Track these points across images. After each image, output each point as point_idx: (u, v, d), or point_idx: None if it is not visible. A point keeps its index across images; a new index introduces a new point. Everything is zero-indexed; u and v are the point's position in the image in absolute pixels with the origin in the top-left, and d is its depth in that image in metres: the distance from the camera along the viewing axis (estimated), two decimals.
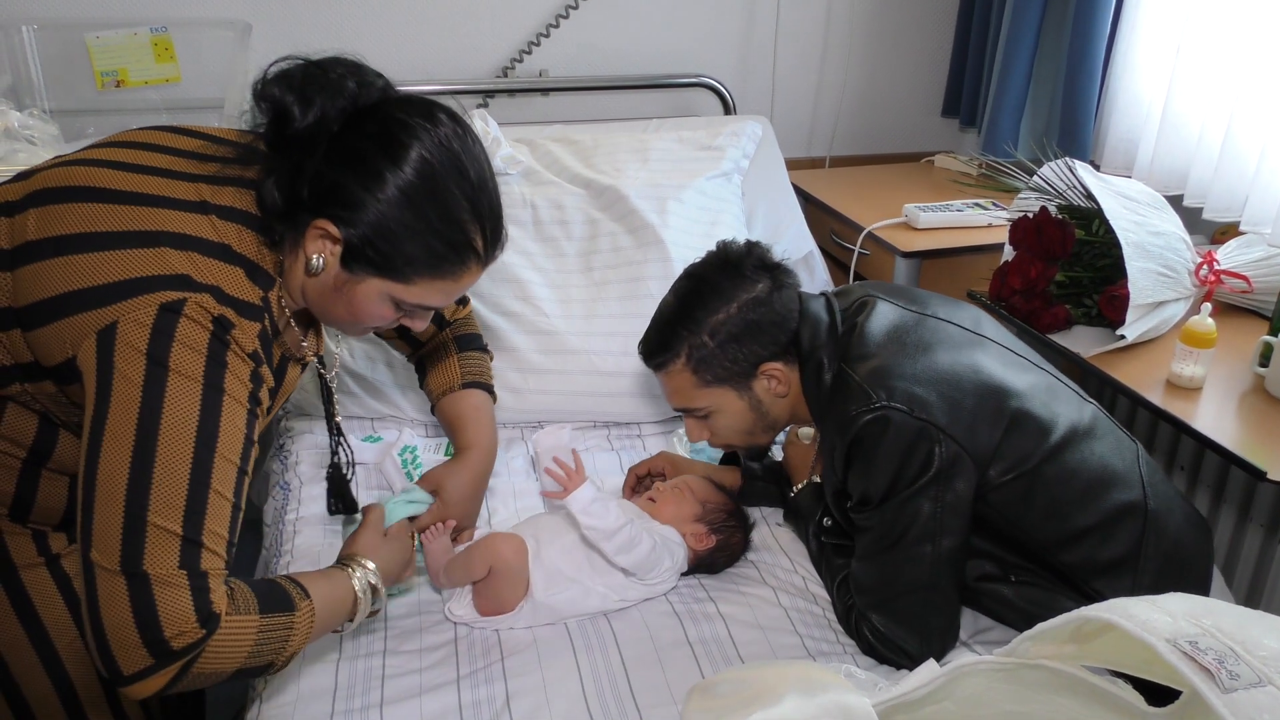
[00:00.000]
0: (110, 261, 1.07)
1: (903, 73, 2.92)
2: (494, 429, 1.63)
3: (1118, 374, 1.77)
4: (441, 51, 2.55)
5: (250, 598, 1.11)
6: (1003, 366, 1.42)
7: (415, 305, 1.22)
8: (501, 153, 2.19)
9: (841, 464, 1.40)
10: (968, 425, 1.34)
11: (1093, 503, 1.39)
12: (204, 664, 1.05)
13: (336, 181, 1.13)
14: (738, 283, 1.46)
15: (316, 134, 1.12)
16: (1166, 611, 0.93)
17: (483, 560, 1.43)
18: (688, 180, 2.21)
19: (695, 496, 1.59)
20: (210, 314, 1.08)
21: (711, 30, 2.72)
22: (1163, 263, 1.82)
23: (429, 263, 1.17)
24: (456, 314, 1.68)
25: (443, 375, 1.64)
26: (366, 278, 1.18)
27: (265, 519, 1.80)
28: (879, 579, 1.40)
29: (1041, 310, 1.91)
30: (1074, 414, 1.43)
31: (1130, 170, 2.26)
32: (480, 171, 1.20)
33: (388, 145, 1.13)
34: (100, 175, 1.15)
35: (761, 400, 1.50)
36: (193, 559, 1.04)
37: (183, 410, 1.05)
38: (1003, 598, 1.45)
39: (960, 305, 1.55)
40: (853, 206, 2.52)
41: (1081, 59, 2.30)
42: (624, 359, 1.94)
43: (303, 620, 1.15)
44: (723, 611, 1.49)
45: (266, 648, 1.11)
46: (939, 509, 1.34)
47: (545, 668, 1.38)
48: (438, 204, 1.15)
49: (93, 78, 2.31)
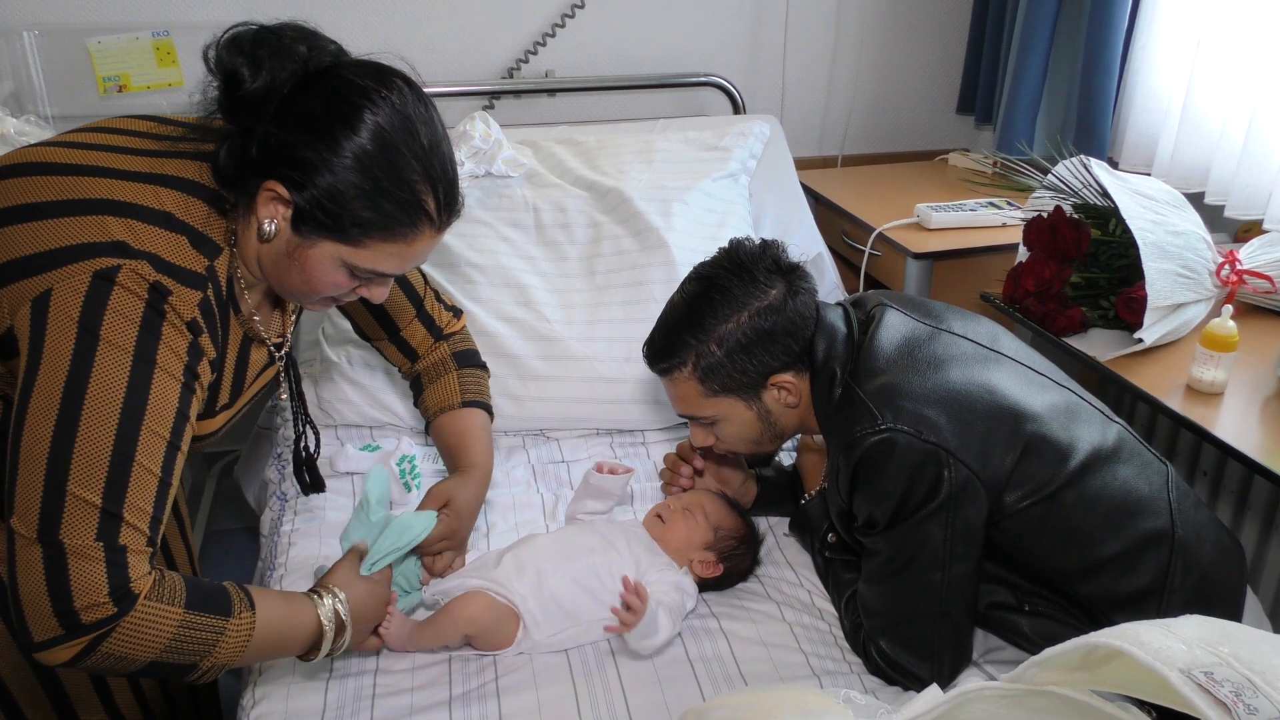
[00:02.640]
0: (47, 230, 1.07)
1: (916, 69, 2.86)
2: (492, 450, 1.60)
3: (1135, 379, 1.72)
4: (447, 53, 2.52)
5: (180, 591, 1.08)
6: (1019, 386, 1.36)
7: (369, 271, 1.19)
8: (503, 155, 2.16)
9: (847, 486, 1.34)
10: (979, 449, 1.28)
11: (1115, 531, 1.32)
12: (115, 644, 1.04)
13: (286, 142, 1.11)
14: (750, 287, 1.38)
15: (267, 96, 1.10)
16: (1181, 638, 0.88)
17: (454, 630, 1.38)
18: (693, 181, 2.17)
19: (708, 521, 1.53)
20: (145, 281, 1.07)
21: (720, 28, 2.68)
22: (1182, 263, 1.76)
23: (379, 224, 1.14)
24: (451, 325, 1.65)
25: (441, 392, 1.61)
26: (318, 241, 1.15)
27: (262, 529, 1.77)
28: (887, 604, 1.34)
29: (1056, 313, 1.86)
30: (1096, 436, 1.36)
31: (1149, 167, 2.21)
32: (433, 135, 1.17)
33: (338, 107, 1.12)
34: (50, 153, 1.16)
35: (771, 410, 1.44)
36: (111, 532, 1.03)
37: (110, 381, 1.04)
38: (1016, 628, 1.39)
39: (977, 319, 1.48)
40: (864, 206, 2.47)
41: (1099, 54, 2.24)
42: (627, 365, 1.90)
43: (236, 630, 1.11)
44: (725, 628, 1.45)
45: (187, 646, 1.08)
46: (949, 535, 1.28)
47: (541, 688, 1.34)
48: (388, 165, 1.12)
49: (95, 83, 2.31)
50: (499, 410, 1.90)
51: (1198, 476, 2.08)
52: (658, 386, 1.92)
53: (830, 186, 2.63)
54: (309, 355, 2.01)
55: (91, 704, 1.36)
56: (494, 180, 2.16)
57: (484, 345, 1.89)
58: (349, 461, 1.80)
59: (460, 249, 2.02)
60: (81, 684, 1.34)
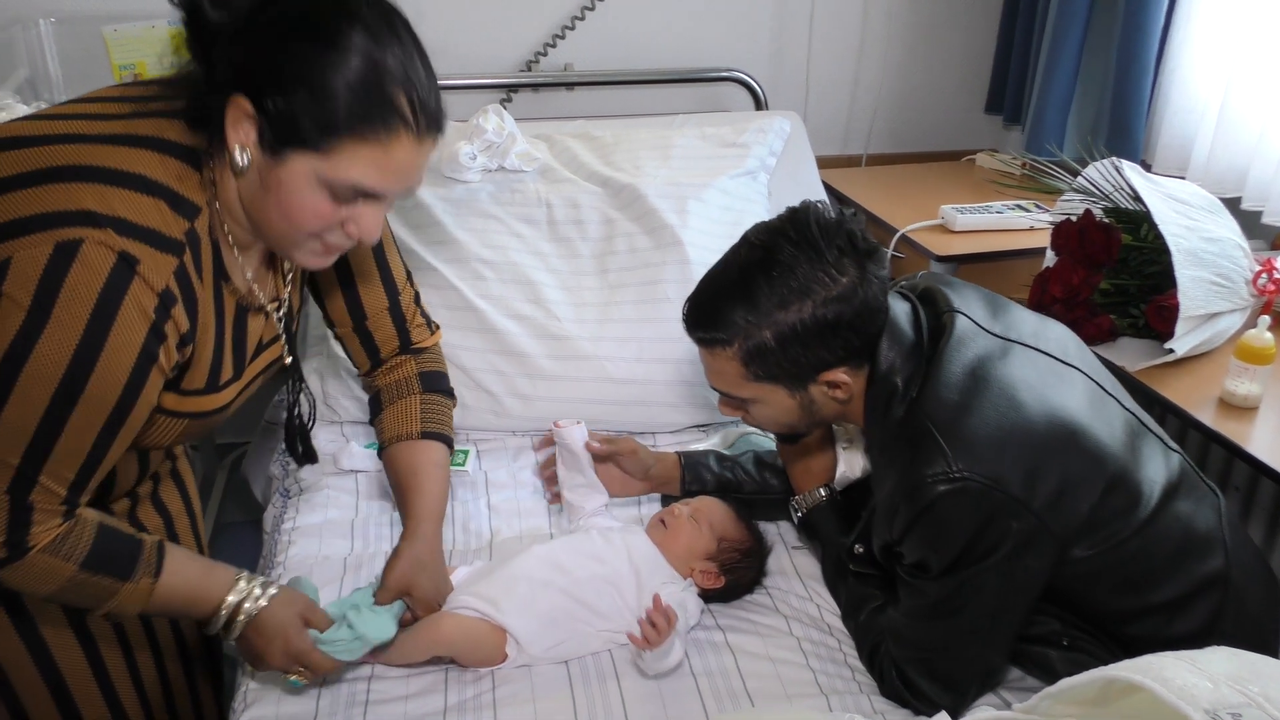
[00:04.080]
0: (12, 202, 1.04)
1: (944, 66, 2.79)
2: (447, 491, 1.48)
3: (1166, 390, 1.66)
4: (465, 45, 2.48)
5: (83, 549, 1.12)
6: (1093, 413, 1.26)
7: (348, 185, 1.11)
8: (517, 149, 2.11)
9: (903, 527, 1.23)
10: (1053, 498, 1.19)
11: (1172, 576, 1.25)
12: (8, 578, 1.11)
13: (249, 54, 1.07)
14: (818, 269, 1.22)
15: (229, 20, 1.08)
16: (1208, 675, 0.82)
17: (420, 653, 1.33)
18: (710, 179, 2.12)
19: (712, 530, 1.48)
20: (112, 251, 1.03)
21: (743, 23, 2.62)
22: (1217, 271, 1.70)
23: (349, 123, 1.08)
24: (424, 340, 1.53)
25: (400, 418, 1.48)
26: (289, 157, 1.09)
27: (265, 525, 1.75)
28: (925, 641, 1.27)
29: (1084, 320, 1.80)
30: (1161, 472, 1.28)
31: (1184, 171, 2.14)
32: (406, 46, 1.13)
33: (303, 14, 1.09)
34: (22, 126, 1.13)
35: (815, 401, 1.31)
36: (21, 490, 1.06)
37: (51, 358, 1.03)
38: (1046, 663, 1.31)
39: (1046, 322, 1.39)
40: (887, 207, 2.41)
41: (1133, 53, 2.17)
42: (638, 366, 1.86)
43: (131, 593, 1.16)
44: (731, 642, 1.40)
45: (78, 594, 1.14)
46: (1005, 585, 1.20)
47: (539, 700, 1.30)
48: (355, 64, 1.08)
49: (111, 71, 2.29)
50: (507, 410, 1.87)
51: (1229, 492, 2.02)
52: (669, 389, 1.87)
53: (853, 186, 2.57)
54: (315, 350, 1.98)
55: (93, 699, 1.34)
56: (506, 175, 2.12)
57: (492, 343, 1.87)
58: (353, 459, 1.77)
59: (471, 244, 1.98)
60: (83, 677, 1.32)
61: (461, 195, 2.07)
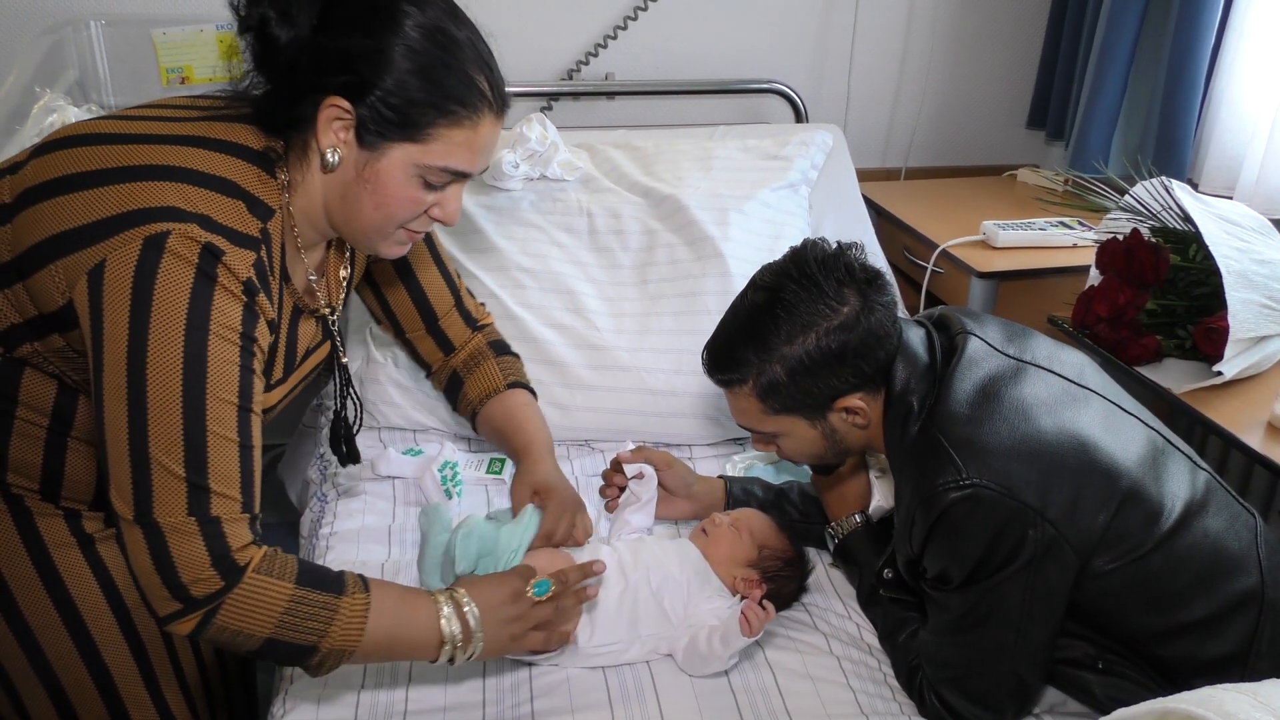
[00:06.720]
0: (100, 198, 1.07)
1: (987, 80, 2.77)
2: (546, 424, 1.62)
3: (1212, 413, 1.64)
4: (507, 53, 2.41)
5: (291, 567, 1.11)
6: (1109, 432, 1.26)
7: (442, 169, 1.17)
8: (559, 158, 2.12)
9: (921, 539, 1.25)
10: (1069, 509, 1.19)
11: (1203, 592, 1.24)
12: (227, 617, 1.06)
13: (336, 49, 1.10)
14: (818, 302, 1.27)
15: (297, 34, 1.10)
16: (1271, 710, 0.81)
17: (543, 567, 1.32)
18: (752, 191, 2.11)
19: (753, 539, 1.48)
20: (197, 243, 1.06)
21: (785, 34, 2.62)
22: (1268, 294, 1.68)
23: (444, 109, 1.14)
24: (484, 317, 1.69)
25: (484, 379, 1.62)
26: (387, 149, 1.14)
27: (302, 529, 1.75)
28: (955, 658, 1.27)
29: (1129, 340, 1.78)
30: (1186, 489, 1.28)
31: (1232, 191, 2.11)
32: (473, 28, 1.20)
33: (376, 12, 1.12)
34: (99, 125, 1.16)
35: (837, 430, 1.35)
36: (201, 504, 1.05)
37: (167, 351, 1.04)
38: (1084, 685, 1.30)
39: (1062, 347, 1.39)
40: (928, 222, 2.40)
41: (1183, 69, 2.14)
42: (676, 378, 1.85)
43: (350, 609, 1.11)
44: (770, 659, 1.39)
45: (301, 623, 1.09)
46: (1027, 597, 1.20)
47: (577, 712, 1.29)
48: (440, 50, 1.14)
49: (159, 74, 2.31)
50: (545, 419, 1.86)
51: (1272, 516, 1.99)
52: (707, 401, 1.87)
53: (893, 200, 2.56)
54: (355, 355, 1.98)
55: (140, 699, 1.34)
56: (548, 184, 2.12)
57: (531, 351, 1.86)
58: (390, 465, 1.77)
59: (511, 252, 1.98)
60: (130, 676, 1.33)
61: (504, 203, 2.08)
